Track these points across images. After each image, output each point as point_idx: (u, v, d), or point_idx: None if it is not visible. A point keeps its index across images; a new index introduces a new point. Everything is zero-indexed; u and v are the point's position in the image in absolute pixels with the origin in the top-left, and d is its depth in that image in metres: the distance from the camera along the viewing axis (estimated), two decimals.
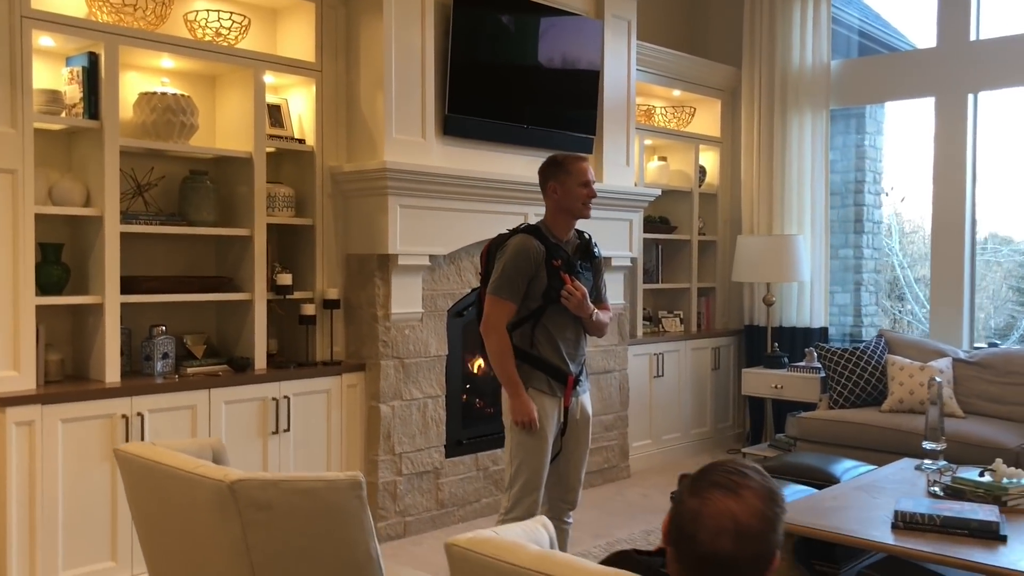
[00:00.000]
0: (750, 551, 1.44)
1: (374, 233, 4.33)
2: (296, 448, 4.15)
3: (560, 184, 3.25)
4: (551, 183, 3.27)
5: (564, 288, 3.19)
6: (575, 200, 3.25)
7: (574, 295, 3.20)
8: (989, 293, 8.02)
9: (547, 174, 3.29)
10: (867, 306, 7.45)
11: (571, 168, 3.25)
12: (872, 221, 7.41)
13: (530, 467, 3.24)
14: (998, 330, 7.46)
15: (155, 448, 2.38)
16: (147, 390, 3.69)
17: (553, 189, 3.26)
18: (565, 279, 3.21)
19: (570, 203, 3.25)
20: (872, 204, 7.39)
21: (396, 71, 4.33)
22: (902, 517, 3.11)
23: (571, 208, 3.25)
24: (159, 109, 3.92)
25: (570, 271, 3.25)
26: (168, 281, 4.01)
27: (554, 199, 3.27)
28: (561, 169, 3.26)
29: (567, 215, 3.27)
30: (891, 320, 8.03)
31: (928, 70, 5.95)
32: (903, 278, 8.17)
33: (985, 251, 7.55)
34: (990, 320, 7.77)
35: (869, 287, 7.43)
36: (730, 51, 6.68)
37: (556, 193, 3.26)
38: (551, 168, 3.29)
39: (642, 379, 5.89)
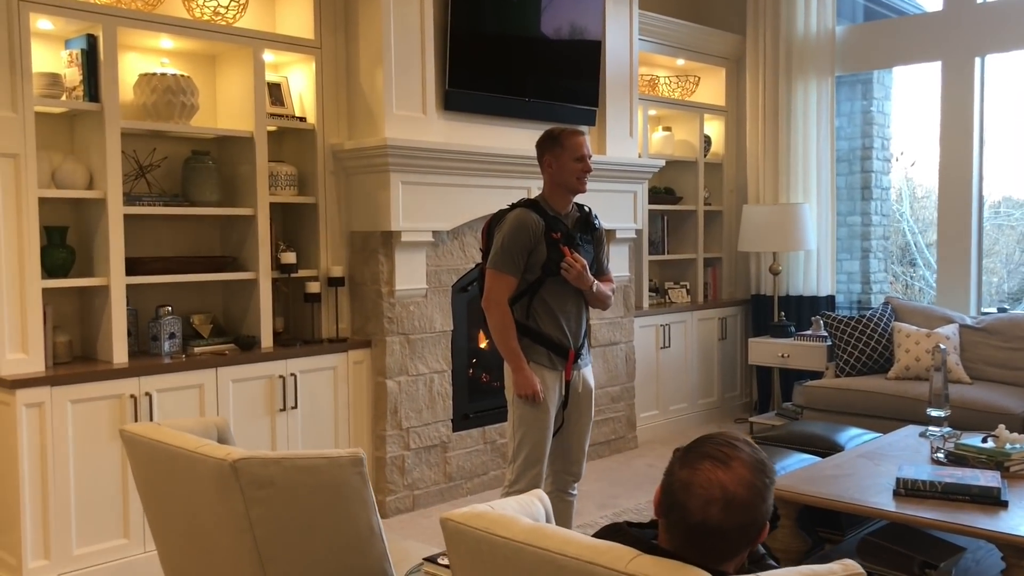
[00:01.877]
0: (739, 520, 1.47)
1: (377, 210, 4.34)
2: (304, 425, 4.19)
3: (555, 158, 3.25)
4: (547, 156, 3.27)
5: (563, 260, 3.20)
6: (570, 175, 3.25)
7: (573, 267, 3.21)
8: (1003, 257, 7.99)
9: (543, 148, 3.30)
10: (876, 273, 7.42)
11: (566, 143, 3.25)
12: (880, 187, 7.36)
13: (532, 440, 3.27)
14: (1012, 294, 7.43)
15: (159, 428, 2.42)
16: (154, 370, 3.73)
17: (548, 163, 3.27)
18: (564, 251, 3.22)
19: (565, 177, 3.25)
20: (880, 170, 7.33)
21: (395, 47, 4.32)
22: (904, 484, 3.13)
23: (566, 182, 3.26)
24: (159, 90, 3.93)
25: (570, 244, 3.26)
26: (173, 261, 4.03)
27: (549, 173, 3.27)
28: (556, 143, 3.26)
29: (562, 189, 3.27)
30: (903, 286, 8.01)
31: (934, 34, 5.89)
32: (914, 244, 8.14)
33: (998, 215, 7.51)
34: (1004, 284, 7.73)
35: (878, 254, 7.39)
36: (734, 19, 6.63)
37: (551, 167, 3.26)
38: (547, 142, 3.29)
39: (649, 350, 5.91)
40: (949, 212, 5.88)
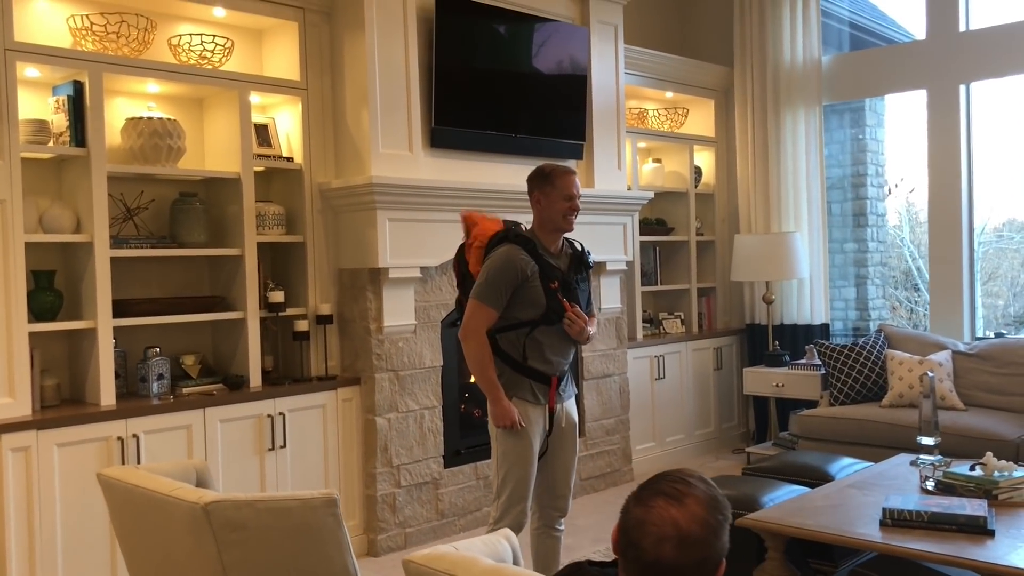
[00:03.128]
0: (693, 557, 1.46)
1: (364, 247, 4.36)
2: (293, 464, 4.19)
3: (544, 195, 3.28)
4: (536, 193, 3.30)
5: (565, 316, 3.22)
6: (557, 213, 3.27)
7: (576, 324, 3.24)
8: (1007, 280, 7.97)
9: (532, 184, 3.33)
10: (874, 299, 7.42)
11: (556, 182, 3.28)
12: (876, 214, 7.38)
13: (517, 476, 3.26)
14: (1018, 317, 7.40)
15: (136, 472, 2.42)
16: (141, 412, 3.74)
17: (537, 200, 3.30)
18: (565, 306, 3.23)
19: (552, 215, 3.27)
20: (875, 197, 7.36)
21: (381, 86, 4.37)
22: (890, 514, 3.11)
23: (552, 219, 3.28)
24: (146, 134, 3.97)
25: (567, 291, 3.27)
26: (161, 303, 4.06)
27: (538, 208, 3.30)
28: (547, 181, 3.28)
29: (550, 226, 3.30)
30: (907, 311, 7.99)
31: (919, 62, 5.94)
32: (915, 269, 8.13)
33: (1001, 238, 7.51)
34: (1009, 307, 7.71)
35: (875, 280, 7.39)
36: (721, 51, 6.69)
37: (540, 204, 3.29)
38: (537, 179, 3.32)
39: (643, 382, 5.90)
40: (940, 239, 5.89)
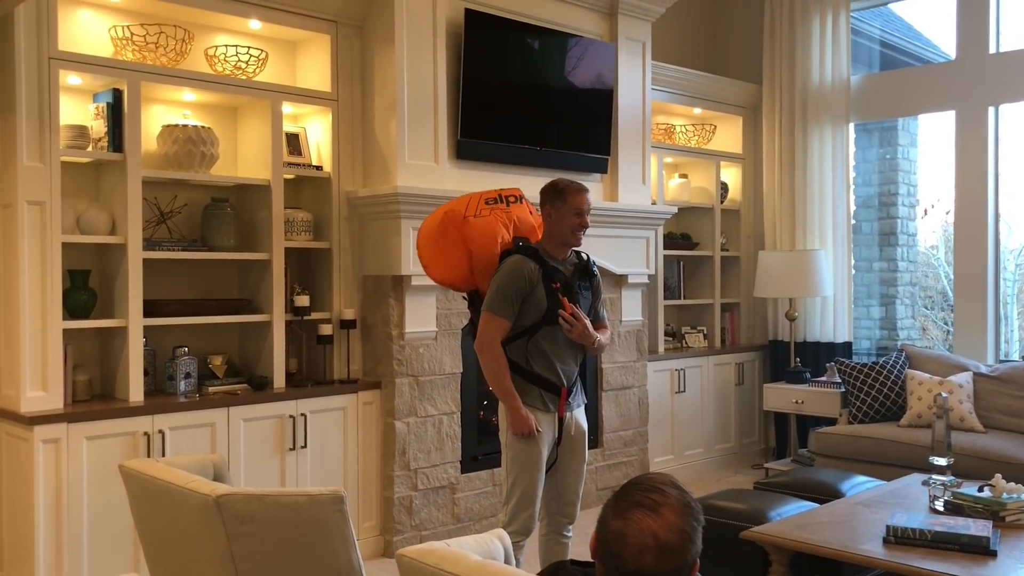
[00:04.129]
0: (672, 564, 1.54)
1: (388, 255, 4.47)
2: (313, 464, 4.30)
3: (555, 210, 3.36)
4: (547, 207, 3.39)
5: (564, 318, 3.29)
6: (566, 228, 3.36)
7: (576, 326, 3.31)
8: None
9: (545, 197, 3.42)
10: (902, 319, 7.40)
11: (568, 198, 3.36)
12: (907, 234, 7.36)
13: (525, 482, 3.34)
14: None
15: (155, 464, 2.54)
16: (168, 408, 3.87)
17: (548, 213, 3.38)
18: (565, 304, 3.31)
19: (561, 229, 3.36)
20: (906, 216, 7.34)
21: (409, 98, 4.48)
22: (894, 532, 3.14)
23: (561, 233, 3.37)
24: (181, 140, 4.12)
25: (568, 293, 3.35)
26: (191, 304, 4.19)
27: (548, 222, 3.39)
28: (559, 196, 3.37)
29: (558, 239, 3.38)
30: (944, 332, 7.94)
31: (948, 83, 5.94)
32: (950, 290, 8.09)
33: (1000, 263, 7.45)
34: None
35: (905, 300, 7.37)
36: (751, 68, 6.73)
37: (550, 217, 3.38)
38: (550, 193, 3.40)
39: (663, 395, 5.94)
40: (965, 260, 5.88)
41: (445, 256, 3.44)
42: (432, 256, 3.48)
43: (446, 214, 3.42)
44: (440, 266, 3.48)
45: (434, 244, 3.46)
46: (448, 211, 3.43)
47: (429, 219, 3.51)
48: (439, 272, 3.51)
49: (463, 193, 4.52)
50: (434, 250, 3.47)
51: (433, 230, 3.45)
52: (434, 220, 3.47)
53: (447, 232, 3.41)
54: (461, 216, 3.39)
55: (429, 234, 3.47)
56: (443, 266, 3.47)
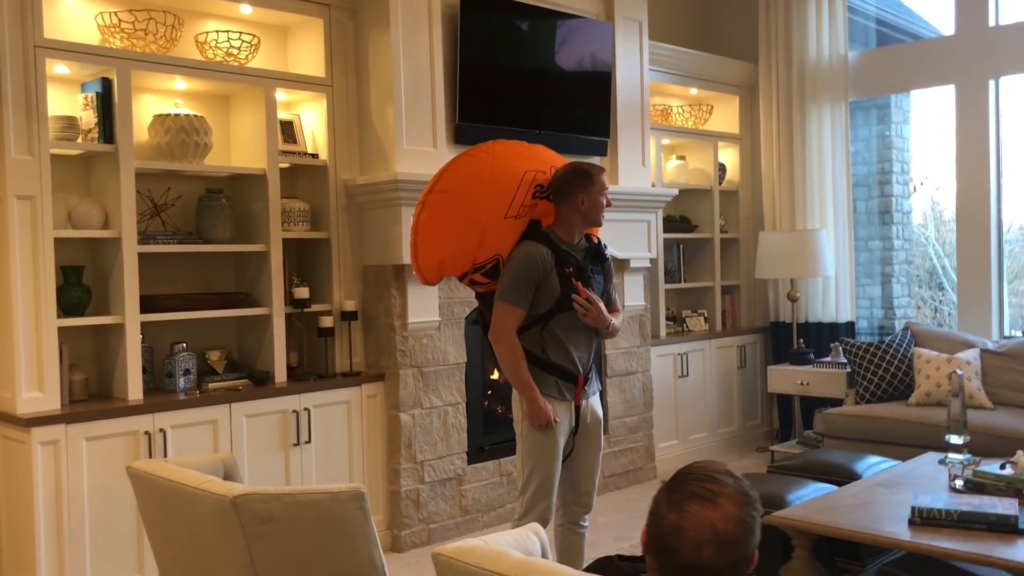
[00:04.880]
0: (731, 557, 1.46)
1: (389, 244, 4.37)
2: (318, 459, 4.21)
3: (588, 196, 3.24)
4: (580, 195, 3.23)
5: (579, 302, 3.20)
6: (599, 211, 3.27)
7: (591, 311, 3.22)
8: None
9: (574, 185, 3.23)
10: (899, 298, 7.35)
11: (596, 179, 3.25)
12: (901, 212, 7.31)
13: (542, 472, 3.26)
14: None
15: (164, 465, 2.44)
16: (168, 406, 3.77)
17: (581, 201, 3.23)
18: (578, 288, 3.22)
19: (595, 214, 3.26)
20: (900, 194, 7.29)
21: (405, 82, 4.37)
22: (919, 513, 3.08)
23: (595, 219, 3.28)
24: (173, 130, 4.00)
25: (581, 277, 3.26)
26: (187, 299, 4.08)
27: (581, 210, 3.24)
28: (589, 181, 3.24)
29: (586, 224, 3.29)
30: (932, 310, 7.92)
31: (948, 58, 5.87)
32: (940, 268, 8.07)
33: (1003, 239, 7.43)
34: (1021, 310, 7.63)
35: (900, 278, 7.33)
36: (746, 47, 6.65)
37: (583, 204, 3.23)
38: (578, 178, 3.24)
39: (666, 379, 5.88)
40: (968, 236, 5.83)
41: (457, 217, 3.18)
42: (440, 224, 3.20)
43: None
44: (443, 239, 3.22)
45: (446, 204, 3.20)
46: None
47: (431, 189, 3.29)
48: (440, 249, 3.24)
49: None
50: (444, 215, 3.20)
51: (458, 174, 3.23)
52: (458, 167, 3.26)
53: (479, 161, 3.21)
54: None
55: (450, 185, 3.21)
56: (448, 237, 3.21)
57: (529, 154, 3.34)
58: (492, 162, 3.22)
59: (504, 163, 3.24)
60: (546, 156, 3.39)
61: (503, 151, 3.29)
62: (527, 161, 3.28)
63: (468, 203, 3.17)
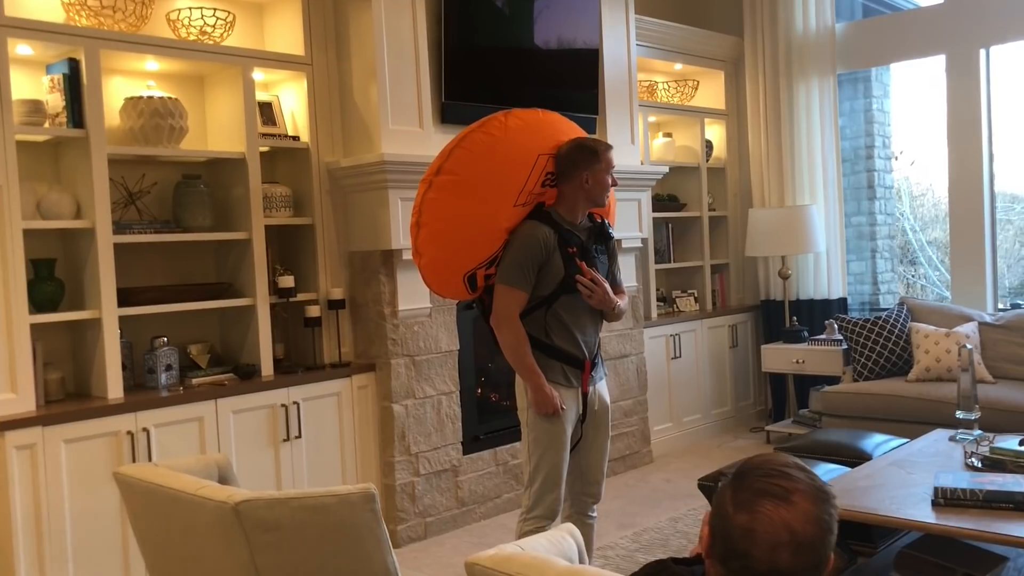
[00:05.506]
0: (810, 559, 1.32)
1: (376, 228, 4.20)
2: (308, 455, 4.04)
3: (593, 174, 3.05)
4: (584, 173, 3.04)
5: (583, 283, 3.05)
6: (603, 190, 3.09)
7: (596, 292, 3.06)
8: (1002, 251, 7.84)
9: (579, 163, 3.04)
10: (883, 273, 7.30)
11: (603, 156, 3.06)
12: (884, 187, 7.24)
13: (550, 462, 3.11)
14: (1014, 288, 7.30)
15: (156, 469, 2.26)
16: (151, 404, 3.58)
17: (585, 179, 3.05)
18: (582, 268, 3.07)
19: (599, 194, 3.09)
20: (883, 169, 7.22)
21: (389, 60, 4.19)
22: (942, 493, 2.97)
23: (599, 198, 3.10)
24: (146, 113, 3.79)
25: (585, 258, 3.11)
26: (167, 291, 3.89)
27: (585, 189, 3.06)
28: (595, 158, 3.05)
29: (589, 204, 3.12)
30: (905, 285, 7.89)
31: (937, 27, 5.77)
32: (915, 242, 8.02)
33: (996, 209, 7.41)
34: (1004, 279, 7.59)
35: (884, 254, 7.27)
36: (731, 20, 6.51)
37: (588, 183, 3.05)
38: (584, 155, 3.04)
39: (659, 361, 5.75)
40: (960, 208, 5.75)
41: (465, 203, 2.96)
42: (446, 210, 2.97)
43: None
44: (449, 229, 3.00)
45: (455, 188, 2.96)
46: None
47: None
48: (446, 243, 3.03)
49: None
50: (451, 200, 2.97)
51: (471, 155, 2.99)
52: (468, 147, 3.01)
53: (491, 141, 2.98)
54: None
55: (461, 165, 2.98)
56: (455, 228, 3.00)
57: (545, 129, 3.12)
58: (506, 141, 3.01)
59: (518, 142, 3.02)
60: (563, 128, 3.17)
61: (517, 126, 3.06)
62: (542, 140, 3.07)
63: (478, 189, 2.99)
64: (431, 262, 3.10)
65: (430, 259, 3.09)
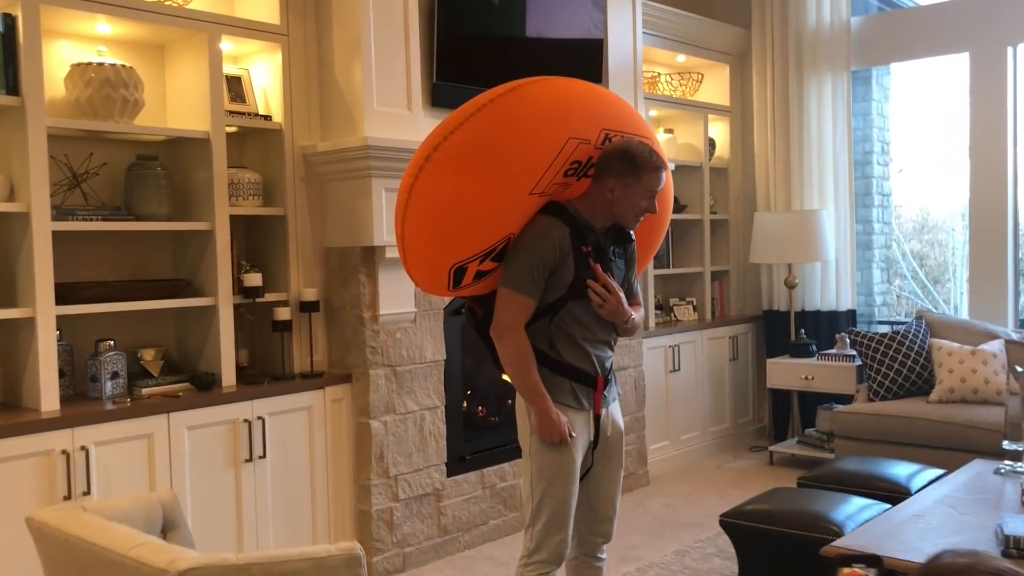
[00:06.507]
0: None
1: (356, 222, 3.73)
2: (274, 477, 3.56)
3: (622, 186, 2.59)
4: (611, 179, 2.60)
5: (595, 290, 2.60)
6: (630, 210, 2.63)
7: (608, 302, 2.61)
8: None
9: (612, 167, 2.60)
10: (879, 284, 6.97)
11: (644, 176, 2.58)
12: (881, 194, 6.91)
13: (556, 498, 2.66)
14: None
15: (80, 516, 1.78)
16: (92, 419, 3.08)
17: (611, 187, 2.60)
18: (596, 271, 2.62)
19: (624, 212, 2.63)
20: (881, 176, 6.89)
21: (376, 34, 3.72)
22: (1015, 543, 2.57)
23: (621, 216, 2.65)
24: (95, 83, 3.30)
25: (600, 260, 2.67)
26: (115, 287, 3.39)
27: (607, 197, 2.62)
28: (632, 171, 2.58)
29: (610, 217, 2.67)
30: (895, 298, 7.58)
31: (961, 23, 5.40)
32: (899, 255, 7.73)
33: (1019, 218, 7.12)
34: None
35: (880, 264, 6.94)
36: (738, 10, 6.11)
37: (612, 193, 2.61)
38: (621, 163, 2.59)
39: (657, 374, 5.33)
40: (983, 217, 5.37)
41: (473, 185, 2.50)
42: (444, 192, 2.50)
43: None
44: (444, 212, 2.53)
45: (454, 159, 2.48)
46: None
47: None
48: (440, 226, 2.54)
49: None
50: (453, 180, 2.49)
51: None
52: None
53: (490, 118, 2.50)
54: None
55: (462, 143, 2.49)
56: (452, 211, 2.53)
57: (586, 107, 2.63)
58: (533, 114, 2.53)
59: (550, 119, 2.53)
60: (612, 113, 2.67)
61: (546, 95, 2.57)
62: (578, 120, 2.58)
63: (489, 168, 2.51)
64: (417, 245, 2.59)
65: (416, 241, 2.58)
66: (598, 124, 2.64)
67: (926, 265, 9.23)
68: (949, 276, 9.16)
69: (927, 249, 9.51)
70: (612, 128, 2.66)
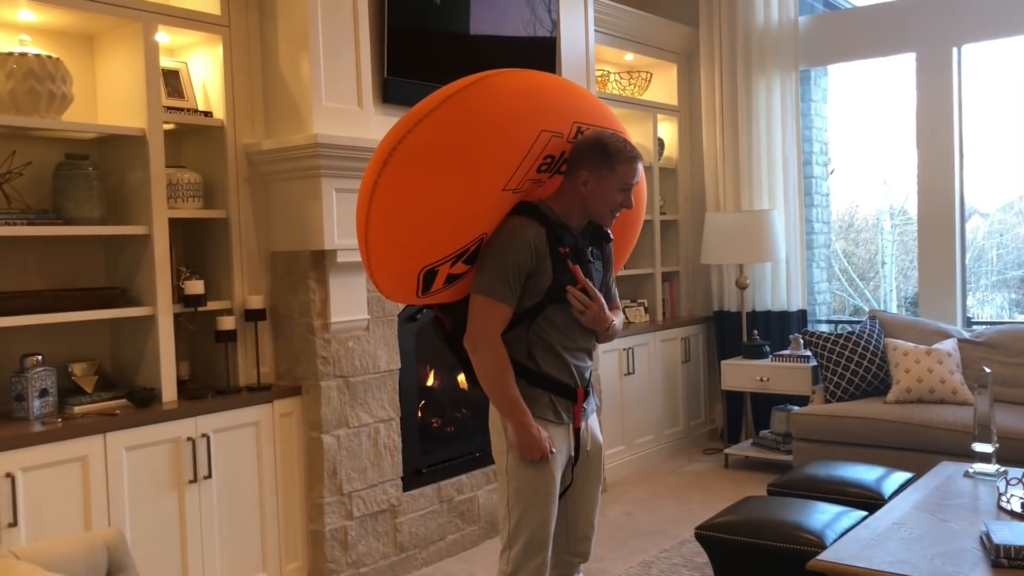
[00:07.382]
0: None
1: (305, 225, 3.52)
2: (221, 498, 3.32)
3: (596, 179, 2.45)
4: (584, 172, 2.45)
5: (575, 296, 2.45)
6: (605, 205, 2.48)
7: (590, 308, 2.47)
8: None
9: (584, 158, 2.45)
10: (818, 283, 7.01)
11: (619, 167, 2.44)
12: (820, 194, 6.95)
13: (535, 519, 2.50)
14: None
15: (14, 566, 1.56)
16: (18, 442, 2.80)
17: (584, 180, 2.45)
18: (576, 274, 2.48)
19: (598, 206, 2.49)
20: (820, 176, 6.93)
21: (323, 25, 3.51)
22: (1004, 552, 2.50)
23: (596, 211, 2.50)
24: (18, 75, 3.03)
25: (578, 260, 2.52)
26: (43, 297, 3.12)
27: (581, 191, 2.47)
28: (606, 162, 2.43)
29: (584, 214, 2.52)
30: (831, 297, 7.65)
31: (908, 23, 5.41)
32: (841, 254, 7.82)
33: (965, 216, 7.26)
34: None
35: (820, 263, 6.97)
36: (685, 8, 6.03)
37: (585, 186, 2.46)
38: (594, 154, 2.44)
39: (612, 378, 5.21)
40: (931, 215, 5.40)
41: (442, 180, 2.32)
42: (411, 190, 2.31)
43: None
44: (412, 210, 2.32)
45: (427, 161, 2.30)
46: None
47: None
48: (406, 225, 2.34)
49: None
50: (421, 175, 2.30)
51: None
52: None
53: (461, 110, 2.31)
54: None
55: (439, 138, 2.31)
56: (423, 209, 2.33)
57: (558, 99, 2.48)
58: (504, 106, 2.36)
59: (521, 111, 2.37)
60: (584, 106, 2.53)
61: (521, 89, 2.41)
62: (549, 112, 2.42)
63: (460, 163, 2.33)
64: (383, 249, 2.40)
65: (382, 244, 2.38)
66: (570, 117, 2.49)
67: (853, 263, 9.38)
68: (876, 272, 9.33)
69: (852, 248, 9.67)
70: (583, 121, 2.52)
